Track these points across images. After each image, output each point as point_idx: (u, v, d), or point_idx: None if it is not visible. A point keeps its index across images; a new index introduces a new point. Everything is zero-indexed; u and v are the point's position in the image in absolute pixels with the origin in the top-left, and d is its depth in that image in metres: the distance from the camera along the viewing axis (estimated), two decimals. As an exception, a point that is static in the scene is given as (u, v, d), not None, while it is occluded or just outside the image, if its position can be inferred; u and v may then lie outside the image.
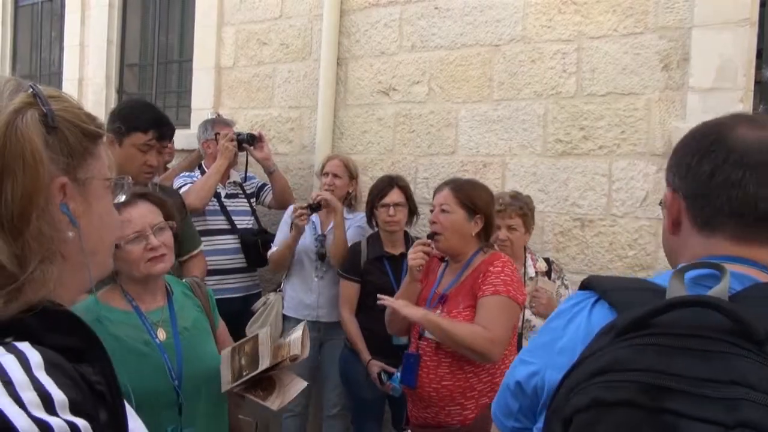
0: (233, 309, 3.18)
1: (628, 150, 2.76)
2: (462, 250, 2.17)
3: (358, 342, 2.83)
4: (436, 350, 2.06)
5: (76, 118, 0.68)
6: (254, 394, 1.64)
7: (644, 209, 2.72)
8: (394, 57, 3.36)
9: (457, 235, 2.14)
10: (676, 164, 0.90)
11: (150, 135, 2.32)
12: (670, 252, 0.95)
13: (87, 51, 4.72)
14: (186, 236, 2.60)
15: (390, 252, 2.82)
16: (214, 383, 1.65)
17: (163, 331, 1.60)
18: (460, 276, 2.15)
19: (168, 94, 4.49)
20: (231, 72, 3.95)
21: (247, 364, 1.62)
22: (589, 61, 2.84)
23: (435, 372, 2.04)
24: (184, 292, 1.76)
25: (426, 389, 2.04)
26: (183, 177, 3.28)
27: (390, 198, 2.78)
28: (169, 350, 1.58)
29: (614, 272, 2.79)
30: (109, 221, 0.76)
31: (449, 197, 2.16)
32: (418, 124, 3.29)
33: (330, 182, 3.02)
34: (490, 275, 2.05)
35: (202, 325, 1.73)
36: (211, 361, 1.68)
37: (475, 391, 2.01)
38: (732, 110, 2.50)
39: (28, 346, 0.57)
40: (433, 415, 2.05)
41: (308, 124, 3.64)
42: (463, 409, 2.00)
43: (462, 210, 2.14)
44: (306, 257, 3.03)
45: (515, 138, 3.02)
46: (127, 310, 1.60)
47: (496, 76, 3.06)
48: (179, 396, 1.54)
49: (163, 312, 1.64)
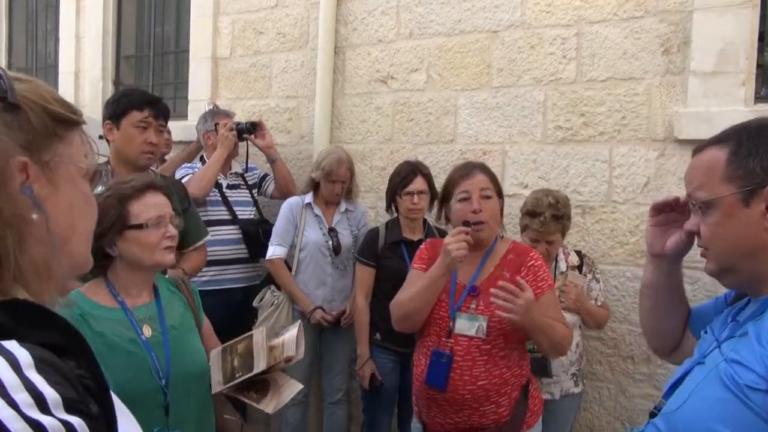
0: (234, 300, 3.19)
1: (629, 136, 2.73)
2: (492, 239, 2.05)
3: (362, 334, 2.84)
4: (469, 348, 1.89)
5: (41, 99, 0.67)
6: (247, 397, 1.59)
7: (645, 195, 2.70)
8: (391, 45, 3.33)
9: (496, 223, 2.04)
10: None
11: (146, 112, 2.33)
12: (756, 248, 0.95)
13: (83, 43, 4.68)
14: (192, 227, 2.59)
15: (409, 237, 2.81)
16: (203, 383, 1.61)
17: (149, 328, 1.54)
18: (483, 265, 2.00)
19: (165, 86, 4.46)
20: (228, 62, 3.92)
21: (241, 366, 1.57)
22: (589, 47, 2.80)
23: (470, 372, 1.87)
24: (169, 288, 1.71)
25: (459, 392, 1.87)
26: (184, 168, 3.29)
27: (414, 186, 2.76)
28: (156, 348, 1.52)
29: (615, 259, 2.77)
30: (83, 210, 0.73)
31: (488, 182, 2.00)
32: (417, 113, 3.26)
33: (339, 191, 3.01)
34: (537, 270, 1.97)
35: (189, 322, 1.68)
36: (199, 360, 1.63)
37: (508, 386, 1.90)
38: (734, 95, 2.48)
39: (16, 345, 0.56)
40: (465, 418, 1.89)
41: (306, 114, 3.62)
42: (498, 407, 1.89)
43: (497, 196, 2.03)
44: (319, 253, 3.01)
45: (515, 125, 2.99)
46: (113, 306, 1.53)
47: (495, 63, 3.03)
48: (166, 396, 1.49)
49: (150, 308, 1.58)
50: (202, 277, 3.08)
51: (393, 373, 2.81)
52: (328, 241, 3.00)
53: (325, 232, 3.02)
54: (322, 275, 3.02)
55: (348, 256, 3.03)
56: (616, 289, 2.77)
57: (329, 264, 3.00)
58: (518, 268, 1.96)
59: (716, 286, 2.54)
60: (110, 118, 2.35)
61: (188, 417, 1.55)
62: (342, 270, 3.03)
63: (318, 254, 3.01)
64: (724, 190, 0.97)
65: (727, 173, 0.96)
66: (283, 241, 3.04)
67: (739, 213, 0.96)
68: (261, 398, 1.60)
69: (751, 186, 0.94)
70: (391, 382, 2.82)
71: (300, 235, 3.02)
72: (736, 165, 0.96)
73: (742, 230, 0.96)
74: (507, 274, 1.95)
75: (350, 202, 3.13)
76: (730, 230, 0.97)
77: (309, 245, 3.01)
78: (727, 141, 0.99)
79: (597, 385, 2.83)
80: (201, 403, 1.61)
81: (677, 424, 0.95)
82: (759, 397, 0.83)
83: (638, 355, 2.73)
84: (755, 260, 0.96)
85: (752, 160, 0.94)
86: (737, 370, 0.87)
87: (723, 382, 0.88)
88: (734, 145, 0.97)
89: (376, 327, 2.83)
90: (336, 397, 3.08)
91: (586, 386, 2.76)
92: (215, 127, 3.28)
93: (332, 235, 3.00)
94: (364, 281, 2.86)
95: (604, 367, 2.80)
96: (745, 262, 0.98)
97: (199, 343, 1.68)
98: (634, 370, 2.75)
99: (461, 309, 1.95)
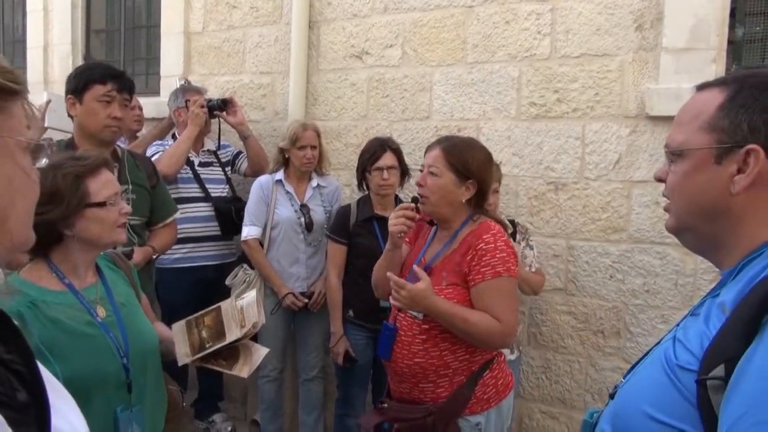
0: (207, 276, 3.18)
1: (602, 112, 2.74)
2: (450, 218, 1.97)
3: (335, 311, 2.84)
4: (411, 325, 1.92)
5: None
6: (218, 365, 1.61)
7: (617, 172, 2.72)
8: (366, 19, 3.28)
9: (444, 201, 1.94)
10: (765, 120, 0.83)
11: (109, 86, 2.29)
12: (716, 210, 0.87)
13: (51, 16, 4.54)
14: (160, 203, 2.55)
15: (380, 214, 2.80)
16: (157, 358, 1.61)
17: (102, 308, 1.51)
18: (446, 247, 1.97)
19: (137, 61, 4.36)
20: (200, 37, 3.84)
21: (211, 336, 1.58)
22: (563, 22, 2.79)
23: (408, 348, 1.91)
24: (108, 266, 1.67)
25: (399, 364, 1.93)
26: (155, 145, 3.25)
27: (383, 161, 2.75)
28: (112, 328, 1.49)
29: (587, 235, 2.80)
30: (23, 185, 0.69)
31: (439, 158, 1.94)
32: (392, 89, 3.24)
33: (310, 156, 2.97)
34: (484, 254, 1.85)
35: (134, 299, 1.66)
36: (151, 335, 1.62)
37: (450, 369, 1.89)
38: (705, 71, 2.50)
39: None
40: (407, 390, 1.95)
41: (281, 90, 3.57)
42: (436, 387, 1.90)
43: (452, 174, 1.92)
44: (291, 230, 2.98)
45: (489, 102, 2.98)
46: (61, 290, 1.47)
47: (470, 39, 3.01)
48: (128, 374, 1.48)
49: (98, 289, 1.55)
50: (174, 255, 3.06)
51: (367, 349, 2.82)
52: (300, 218, 2.97)
53: (297, 208, 2.98)
54: (295, 252, 3.00)
55: (321, 233, 3.01)
56: (587, 264, 2.81)
57: (302, 241, 2.98)
58: (467, 250, 1.89)
59: (684, 261, 2.60)
60: (72, 92, 2.30)
61: (146, 392, 1.55)
62: (315, 247, 3.01)
63: (290, 231, 2.98)
64: (700, 140, 0.87)
65: (712, 121, 0.86)
66: (256, 220, 3.00)
67: (707, 169, 0.86)
68: (232, 365, 1.62)
69: (729, 143, 0.84)
70: (365, 358, 2.83)
71: (271, 212, 2.99)
72: (725, 113, 0.85)
73: (706, 188, 0.87)
74: (457, 256, 1.93)
75: (323, 177, 3.10)
76: (695, 185, 0.88)
77: (281, 223, 2.98)
78: (730, 85, 0.87)
79: (568, 359, 2.87)
80: (156, 376, 1.61)
81: (617, 406, 0.91)
82: (687, 377, 0.76)
83: (608, 329, 2.78)
84: (714, 224, 0.88)
85: (742, 114, 0.84)
86: (677, 350, 0.81)
87: (661, 362, 0.82)
88: (733, 91, 0.86)
89: (349, 304, 2.83)
90: (311, 374, 3.09)
91: (527, 355, 2.82)
92: (186, 104, 3.23)
93: (304, 212, 2.98)
94: (336, 259, 2.85)
95: (575, 341, 2.85)
96: (704, 224, 0.89)
97: (146, 318, 1.68)
98: (604, 344, 2.79)
99: None
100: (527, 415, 2.99)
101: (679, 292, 2.63)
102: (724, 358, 0.72)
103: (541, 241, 2.88)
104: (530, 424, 2.98)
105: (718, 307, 0.80)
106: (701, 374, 0.75)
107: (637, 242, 2.70)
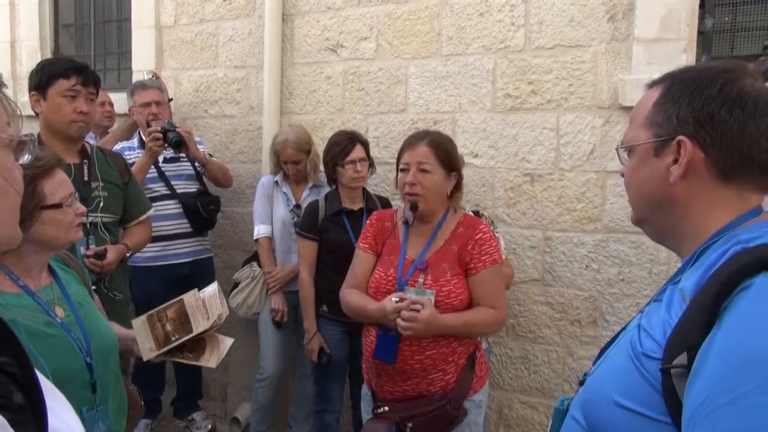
0: (181, 273, 3.14)
1: (576, 103, 2.75)
2: (437, 212, 2.02)
3: (308, 308, 2.83)
4: None
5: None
6: (184, 358, 1.61)
7: (591, 162, 2.74)
8: (340, 12, 3.25)
9: (438, 196, 1.98)
10: (694, 112, 0.86)
11: (73, 81, 2.23)
12: (662, 200, 0.91)
13: (18, 10, 4.43)
14: (133, 200, 2.51)
15: (349, 207, 2.79)
16: (116, 356, 1.59)
17: (60, 309, 1.49)
18: (434, 239, 2.00)
19: (108, 56, 4.28)
20: (172, 31, 3.78)
21: (176, 329, 1.58)
22: (536, 14, 2.80)
23: (419, 344, 1.91)
24: (60, 266, 1.65)
25: (409, 362, 1.92)
26: (122, 147, 3.18)
27: (355, 154, 2.74)
28: (73, 328, 1.48)
29: (563, 226, 2.82)
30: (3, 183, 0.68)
31: (429, 155, 1.95)
32: (367, 82, 3.22)
33: (293, 171, 2.98)
34: (483, 243, 1.95)
35: (88, 298, 1.64)
36: (110, 333, 1.60)
37: (456, 354, 1.95)
38: (676, 61, 2.52)
39: None
40: (413, 386, 1.94)
41: (255, 84, 3.52)
42: (445, 374, 1.93)
43: (442, 169, 1.96)
44: (285, 230, 3.01)
45: (465, 94, 2.98)
46: (16, 292, 1.44)
47: (445, 31, 3.00)
48: (93, 373, 1.47)
49: (54, 289, 1.52)
50: (147, 253, 3.01)
51: (342, 343, 2.82)
52: (293, 218, 2.99)
53: (292, 208, 3.01)
54: (288, 252, 3.03)
55: None
56: (563, 255, 2.83)
57: (295, 241, 2.97)
58: (466, 241, 1.97)
59: (658, 250, 2.63)
60: (36, 88, 2.24)
61: (109, 391, 1.53)
62: None
63: (284, 231, 3.02)
64: (642, 135, 0.92)
65: (650, 117, 0.91)
66: (264, 218, 3.04)
67: (649, 162, 0.91)
68: (199, 356, 1.62)
69: (664, 136, 0.88)
70: (341, 352, 2.82)
71: (271, 212, 3.05)
72: (659, 109, 0.90)
73: (649, 180, 0.92)
74: (455, 247, 1.97)
75: (317, 178, 3.08)
76: (641, 178, 0.93)
77: (276, 223, 3.02)
78: (665, 81, 0.93)
79: (546, 348, 2.90)
80: (116, 375, 1.59)
81: (586, 393, 0.92)
82: (652, 365, 0.78)
83: (585, 318, 2.80)
84: (664, 214, 0.92)
85: (672, 107, 0.88)
86: (642, 338, 0.82)
87: (627, 349, 0.84)
88: (666, 87, 0.91)
89: (322, 299, 2.82)
90: (308, 369, 3.07)
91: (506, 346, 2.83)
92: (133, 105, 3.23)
93: (297, 212, 2.99)
94: (307, 255, 2.83)
95: (552, 331, 2.87)
96: (655, 215, 0.94)
97: (103, 317, 1.65)
98: (581, 333, 2.82)
99: (408, 284, 1.97)
100: (507, 405, 3.01)
101: (653, 281, 2.66)
102: (686, 346, 0.74)
103: (518, 232, 2.90)
104: (510, 414, 3.00)
105: (678, 293, 0.82)
106: (665, 363, 0.76)
107: (611, 232, 2.72)
